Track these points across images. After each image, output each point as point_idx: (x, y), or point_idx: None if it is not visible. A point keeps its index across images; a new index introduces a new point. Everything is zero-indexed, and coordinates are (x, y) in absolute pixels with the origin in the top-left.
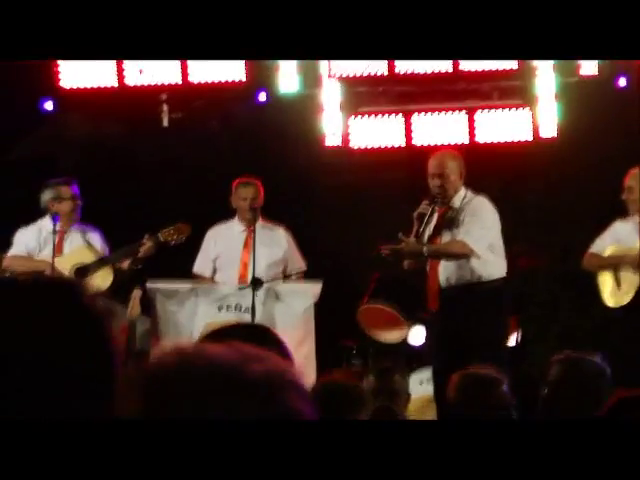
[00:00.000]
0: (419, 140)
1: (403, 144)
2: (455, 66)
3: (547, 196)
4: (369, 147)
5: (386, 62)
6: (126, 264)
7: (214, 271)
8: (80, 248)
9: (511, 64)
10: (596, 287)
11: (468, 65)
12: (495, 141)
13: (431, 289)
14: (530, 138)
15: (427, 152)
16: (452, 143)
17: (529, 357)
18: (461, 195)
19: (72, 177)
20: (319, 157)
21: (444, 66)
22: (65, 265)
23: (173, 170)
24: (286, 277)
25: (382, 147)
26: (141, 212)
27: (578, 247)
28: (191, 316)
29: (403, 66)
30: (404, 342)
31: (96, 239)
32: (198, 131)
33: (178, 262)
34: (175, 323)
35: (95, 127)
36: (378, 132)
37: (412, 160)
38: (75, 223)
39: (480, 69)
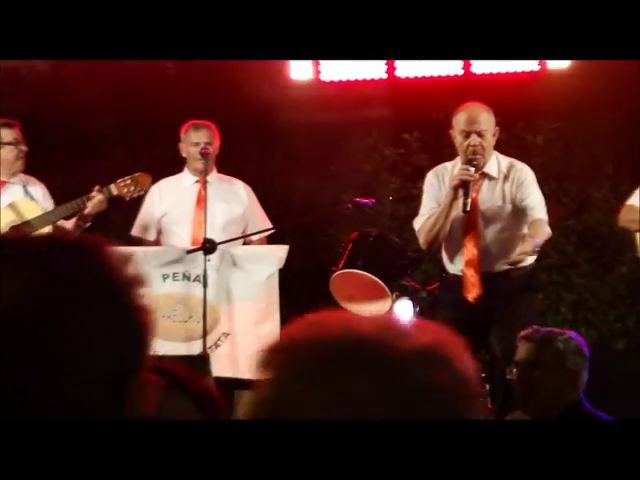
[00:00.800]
0: (402, 72)
1: (384, 76)
2: None
3: (558, 138)
4: (343, 80)
5: None
6: (71, 223)
7: (159, 233)
8: (20, 202)
9: None
10: (620, 249)
11: None
12: (494, 72)
13: (471, 275)
14: (537, 68)
15: (412, 86)
16: (443, 75)
17: None
18: (495, 160)
19: (14, 119)
20: (285, 92)
21: None
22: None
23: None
24: (246, 239)
25: (359, 80)
26: (92, 164)
27: (596, 201)
28: None
29: None
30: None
31: (39, 193)
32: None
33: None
34: None
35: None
36: (354, 62)
37: (395, 95)
38: (17, 174)
39: None
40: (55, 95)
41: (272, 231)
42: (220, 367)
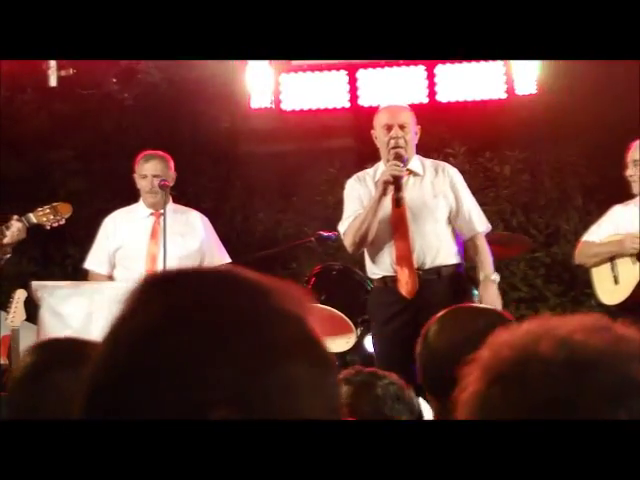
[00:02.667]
0: (366, 100)
1: (347, 105)
2: None
3: (525, 169)
4: (305, 109)
5: None
6: None
7: (112, 267)
8: None
9: None
10: (589, 282)
11: None
12: (460, 99)
13: (404, 272)
14: (503, 96)
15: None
16: (408, 103)
17: None
18: (418, 159)
19: None
20: (244, 122)
21: None
22: None
23: (66, 141)
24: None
25: (321, 109)
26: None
27: (565, 232)
28: (86, 322)
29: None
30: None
31: None
32: (98, 94)
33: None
34: (67, 331)
35: None
36: (316, 91)
37: (358, 125)
38: None
39: None
40: (8, 125)
41: (232, 264)
42: None
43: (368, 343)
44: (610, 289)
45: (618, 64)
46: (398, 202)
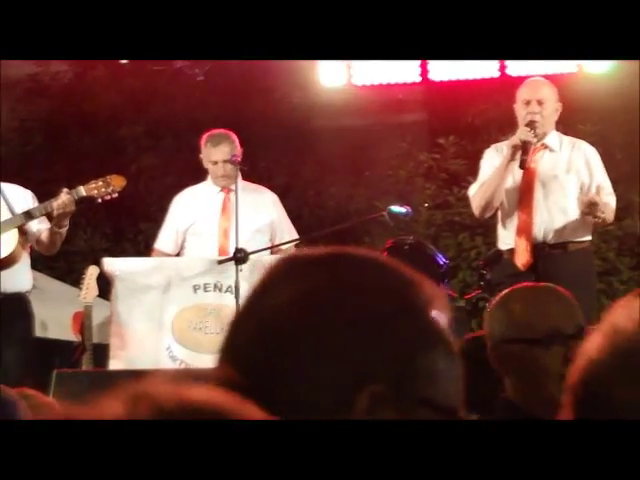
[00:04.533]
0: (437, 75)
1: (418, 79)
2: None
3: (598, 142)
4: (375, 84)
5: None
6: (44, 227)
7: (182, 246)
8: None
9: None
10: None
11: None
12: (531, 73)
13: (522, 243)
14: (574, 69)
15: (446, 89)
16: (478, 78)
17: None
18: (556, 135)
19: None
20: (316, 97)
21: None
22: None
23: (138, 117)
24: (276, 248)
25: (391, 84)
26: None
27: (636, 206)
28: (160, 300)
29: None
30: None
31: (17, 197)
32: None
33: None
34: (141, 309)
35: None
36: (387, 65)
37: (429, 99)
38: None
39: None
40: (79, 101)
41: (304, 240)
42: None
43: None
44: None
45: None
46: (522, 164)
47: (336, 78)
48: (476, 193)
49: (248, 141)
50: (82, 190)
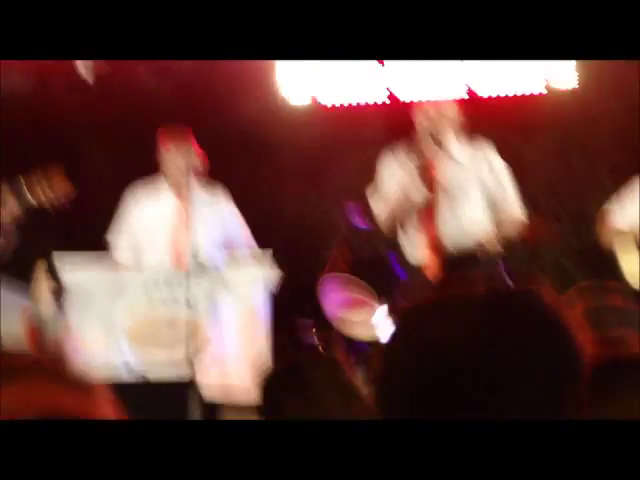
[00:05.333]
0: (404, 96)
1: (383, 101)
2: None
3: (556, 155)
4: (339, 104)
5: None
6: None
7: (134, 246)
8: None
9: None
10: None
11: None
12: (499, 95)
13: (433, 256)
14: (543, 90)
15: (410, 110)
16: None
17: None
18: (458, 145)
19: None
20: (276, 108)
21: None
22: None
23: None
24: (234, 258)
25: (354, 103)
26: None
27: (595, 214)
28: (114, 310)
29: None
30: None
31: None
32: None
33: None
34: (94, 319)
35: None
36: (350, 83)
37: (392, 117)
38: None
39: None
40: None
41: (258, 250)
42: (209, 391)
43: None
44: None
45: None
46: (425, 174)
47: (301, 96)
48: (383, 213)
49: (207, 150)
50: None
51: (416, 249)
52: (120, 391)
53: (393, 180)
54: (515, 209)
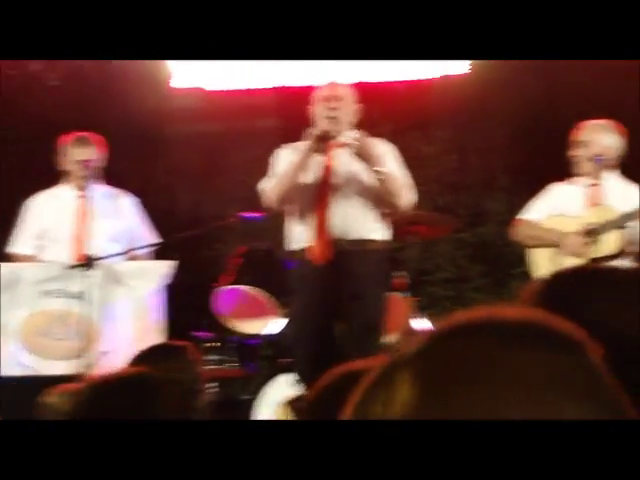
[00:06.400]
0: (293, 80)
1: (273, 85)
2: None
3: (453, 149)
4: (229, 89)
5: None
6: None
7: (37, 248)
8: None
9: None
10: (514, 263)
11: None
12: (389, 80)
13: (320, 239)
14: (432, 76)
15: (301, 95)
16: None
17: None
18: (353, 133)
19: None
20: (169, 102)
21: None
22: None
23: None
24: (130, 254)
25: (246, 90)
26: None
27: (491, 213)
28: (7, 305)
29: None
30: None
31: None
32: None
33: None
34: None
35: None
36: (240, 71)
37: (284, 105)
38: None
39: None
40: None
41: (158, 245)
42: None
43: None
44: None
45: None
46: (322, 151)
47: (189, 83)
48: (274, 185)
49: (105, 146)
50: None
51: (304, 230)
52: (10, 385)
53: (285, 163)
54: (404, 199)
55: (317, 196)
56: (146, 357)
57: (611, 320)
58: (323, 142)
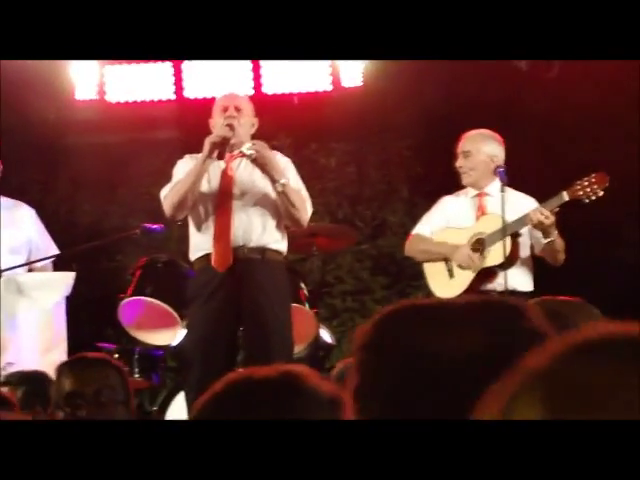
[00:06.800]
0: (191, 92)
1: (172, 97)
2: None
3: (351, 161)
4: (130, 101)
5: None
6: None
7: None
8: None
9: None
10: (416, 275)
11: None
12: (286, 92)
13: (220, 245)
14: (329, 88)
15: (202, 106)
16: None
17: (329, 361)
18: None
19: None
20: (70, 113)
21: None
22: None
23: None
24: (31, 265)
25: (146, 100)
26: None
27: (392, 225)
28: None
29: None
30: None
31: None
32: None
33: None
34: None
35: None
36: (141, 82)
37: (184, 116)
38: None
39: None
40: None
41: (57, 257)
42: None
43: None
44: (444, 282)
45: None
46: (220, 156)
47: (90, 94)
48: (169, 192)
49: (2, 156)
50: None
51: (204, 238)
52: None
53: (183, 172)
54: (303, 212)
55: (217, 204)
56: (72, 367)
57: (440, 354)
58: (220, 149)
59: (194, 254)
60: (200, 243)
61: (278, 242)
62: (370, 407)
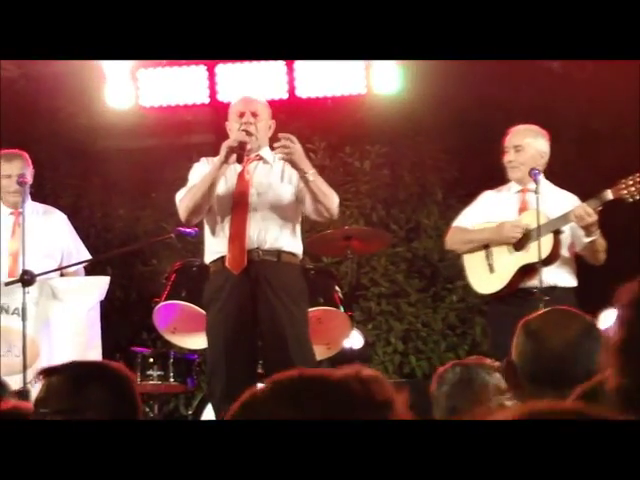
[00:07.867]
0: (225, 96)
1: (206, 101)
2: None
3: (386, 164)
4: (164, 105)
5: None
6: None
7: None
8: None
9: None
10: (451, 277)
11: None
12: (320, 95)
13: (235, 247)
14: (364, 91)
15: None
16: (268, 99)
17: (368, 362)
18: (269, 149)
19: None
20: (103, 118)
21: None
22: None
23: None
24: (65, 270)
25: (180, 105)
26: None
27: (426, 227)
28: None
29: None
30: None
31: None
32: None
33: None
34: None
35: None
36: (175, 86)
37: (218, 120)
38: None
39: None
40: None
41: (91, 261)
42: None
43: None
44: (485, 278)
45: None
46: (239, 159)
47: (123, 99)
48: (184, 196)
49: (35, 162)
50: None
51: (219, 241)
52: None
53: (198, 175)
54: (334, 202)
55: (233, 207)
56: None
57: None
58: (238, 153)
59: (209, 257)
60: (215, 246)
61: (293, 245)
62: (636, 360)
